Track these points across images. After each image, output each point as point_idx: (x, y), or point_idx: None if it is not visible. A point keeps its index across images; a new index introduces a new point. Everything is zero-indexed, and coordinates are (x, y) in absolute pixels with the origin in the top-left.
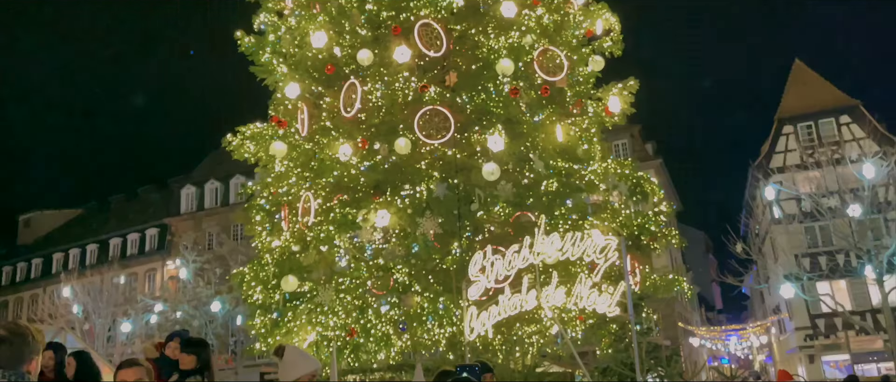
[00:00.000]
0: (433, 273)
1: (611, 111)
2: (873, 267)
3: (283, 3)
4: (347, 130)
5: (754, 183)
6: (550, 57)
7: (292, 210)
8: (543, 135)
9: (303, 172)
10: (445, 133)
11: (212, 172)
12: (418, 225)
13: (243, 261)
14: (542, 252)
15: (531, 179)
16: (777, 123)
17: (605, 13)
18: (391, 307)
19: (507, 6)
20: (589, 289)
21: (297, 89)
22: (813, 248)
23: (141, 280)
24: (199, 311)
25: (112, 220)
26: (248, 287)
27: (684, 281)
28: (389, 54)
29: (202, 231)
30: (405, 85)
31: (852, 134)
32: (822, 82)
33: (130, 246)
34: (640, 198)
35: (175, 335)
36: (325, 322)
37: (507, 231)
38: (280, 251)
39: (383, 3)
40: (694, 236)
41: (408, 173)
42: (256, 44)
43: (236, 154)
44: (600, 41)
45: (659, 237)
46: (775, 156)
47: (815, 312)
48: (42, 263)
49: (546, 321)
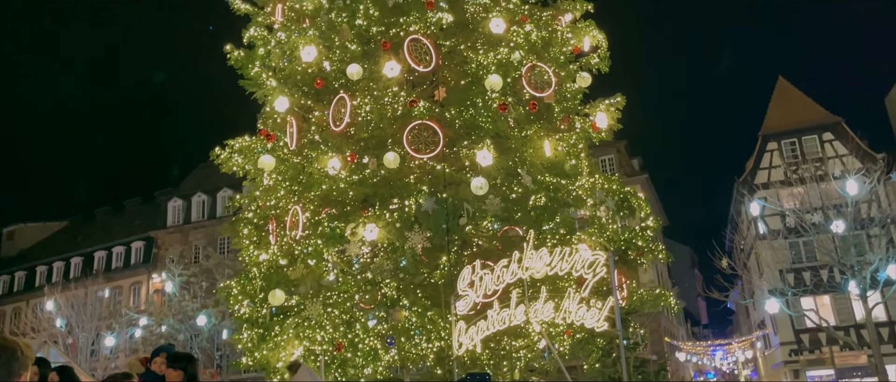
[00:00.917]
0: (421, 288)
1: (598, 127)
2: (857, 283)
3: (273, 18)
4: (336, 144)
5: (739, 199)
6: (538, 73)
7: (280, 224)
8: (531, 150)
9: (291, 185)
10: (434, 147)
11: (199, 184)
12: (407, 239)
13: (230, 275)
14: (530, 267)
15: (519, 193)
16: (761, 139)
17: (592, 30)
18: (379, 321)
19: (495, 22)
20: (577, 304)
21: (287, 103)
22: (797, 263)
23: (126, 294)
24: (185, 325)
25: (97, 233)
26: (235, 301)
27: (671, 296)
28: (379, 69)
29: (189, 244)
30: (394, 99)
31: (835, 151)
32: (804, 100)
33: (116, 259)
34: (627, 213)
35: (161, 350)
36: (313, 337)
37: (496, 246)
38: (267, 265)
39: (373, 19)
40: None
41: (396, 187)
42: (246, 57)
43: (224, 167)
44: (588, 58)
45: (646, 252)
46: (760, 172)
47: (800, 327)
48: (25, 276)
49: (534, 335)
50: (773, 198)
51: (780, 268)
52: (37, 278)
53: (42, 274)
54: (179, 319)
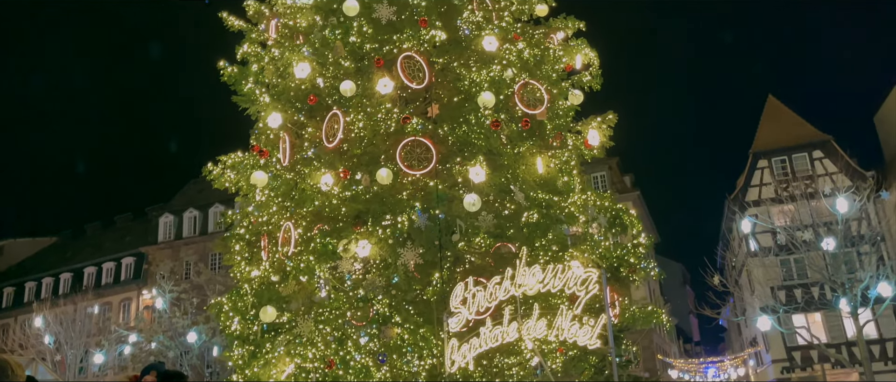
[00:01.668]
0: (413, 304)
1: (590, 144)
2: (848, 300)
3: (266, 35)
4: (329, 160)
5: (730, 216)
6: (531, 90)
7: (272, 240)
8: (524, 167)
9: (284, 201)
10: (427, 164)
11: (191, 200)
12: (399, 256)
13: (221, 291)
14: (523, 284)
15: (512, 210)
16: (752, 157)
17: (584, 49)
18: (370, 338)
19: (488, 40)
20: (570, 321)
21: (280, 119)
22: (788, 280)
23: (115, 310)
24: (175, 342)
25: (87, 248)
26: (225, 318)
27: (663, 313)
28: (372, 86)
29: (180, 260)
30: (388, 116)
31: (825, 169)
32: (794, 118)
33: (106, 275)
34: (619, 230)
35: (151, 368)
36: (304, 354)
37: (488, 262)
38: (259, 281)
39: (367, 36)
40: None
41: (389, 203)
42: (239, 74)
43: (217, 183)
44: (580, 76)
45: (638, 269)
46: (751, 189)
47: (791, 344)
48: (14, 292)
49: (527, 353)
50: (764, 215)
51: (771, 285)
52: (26, 293)
53: (31, 290)
54: (169, 336)
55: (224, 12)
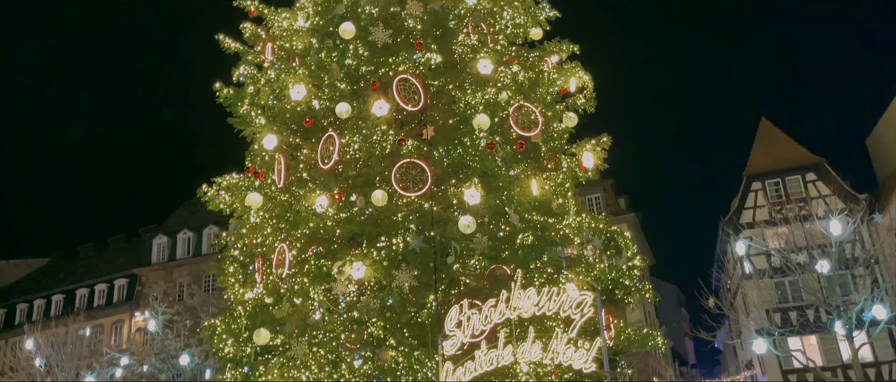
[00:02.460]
0: (408, 327)
1: (584, 166)
2: (843, 323)
3: (263, 57)
4: (324, 181)
5: (725, 238)
6: (525, 113)
7: (266, 262)
8: (519, 189)
9: (278, 223)
10: (422, 186)
11: (184, 222)
12: (394, 278)
13: (214, 313)
14: (518, 307)
15: (507, 232)
16: (746, 179)
17: (578, 72)
18: (365, 361)
19: (483, 63)
20: (565, 344)
21: (275, 141)
22: (783, 303)
23: (108, 332)
24: (167, 364)
25: (80, 270)
26: (219, 340)
27: (658, 336)
28: (368, 108)
29: (173, 282)
30: (383, 138)
31: (818, 191)
32: (787, 141)
33: (98, 297)
34: (614, 252)
35: None
36: (298, 377)
37: (483, 285)
38: (253, 303)
39: (362, 59)
40: (667, 291)
41: (384, 225)
42: (235, 95)
43: (211, 205)
44: (574, 98)
45: (633, 292)
46: (745, 211)
47: (787, 367)
48: (5, 314)
49: (522, 376)
50: (758, 238)
51: (766, 308)
52: (17, 315)
53: (22, 312)
54: (162, 358)
55: (221, 34)
